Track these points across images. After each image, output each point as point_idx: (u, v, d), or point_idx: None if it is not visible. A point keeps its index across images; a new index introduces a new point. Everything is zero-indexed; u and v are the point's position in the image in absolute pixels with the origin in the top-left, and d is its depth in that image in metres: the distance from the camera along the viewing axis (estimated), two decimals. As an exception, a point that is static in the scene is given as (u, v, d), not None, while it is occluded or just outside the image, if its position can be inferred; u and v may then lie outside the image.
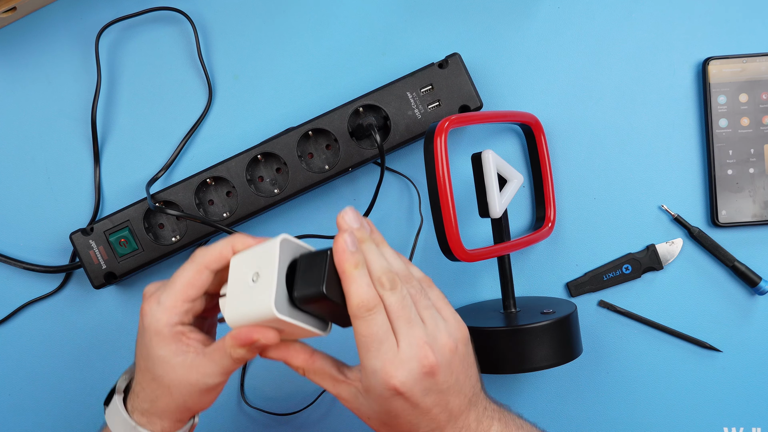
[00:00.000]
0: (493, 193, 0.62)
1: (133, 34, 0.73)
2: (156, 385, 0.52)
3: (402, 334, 0.48)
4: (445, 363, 0.49)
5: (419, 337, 0.48)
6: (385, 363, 0.47)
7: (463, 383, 0.50)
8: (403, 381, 0.47)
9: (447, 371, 0.49)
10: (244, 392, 0.72)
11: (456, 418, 0.50)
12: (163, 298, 0.51)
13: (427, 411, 0.49)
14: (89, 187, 0.73)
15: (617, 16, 0.72)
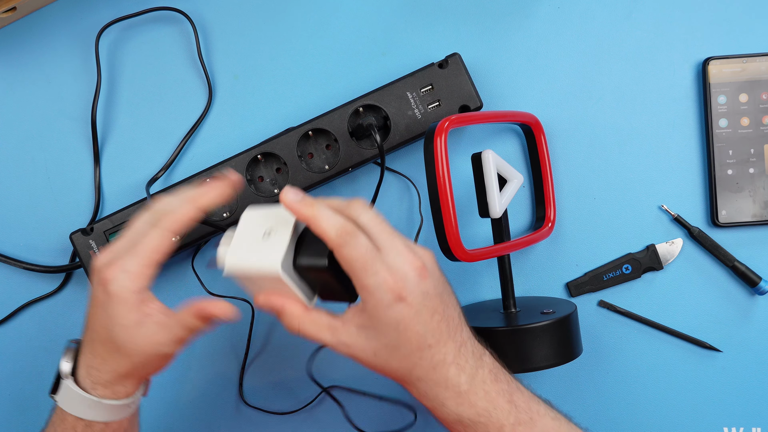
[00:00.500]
0: (493, 193, 0.62)
1: (133, 34, 0.73)
2: (119, 355, 0.53)
3: (386, 247, 0.51)
4: (431, 267, 0.52)
5: (401, 245, 0.51)
6: (381, 276, 0.50)
7: (449, 295, 0.53)
8: (402, 286, 0.50)
9: (434, 276, 0.52)
10: (242, 391, 0.72)
11: (454, 331, 0.52)
12: (128, 266, 0.51)
13: (429, 317, 0.51)
14: (89, 187, 0.73)
15: (617, 16, 0.72)
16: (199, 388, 0.73)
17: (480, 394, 0.52)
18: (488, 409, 0.52)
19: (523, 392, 0.54)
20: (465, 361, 0.52)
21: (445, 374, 0.52)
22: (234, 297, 0.72)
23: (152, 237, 0.52)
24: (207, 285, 0.71)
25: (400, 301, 0.50)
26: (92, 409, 0.54)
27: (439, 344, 0.52)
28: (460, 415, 0.52)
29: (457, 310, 0.54)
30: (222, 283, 0.72)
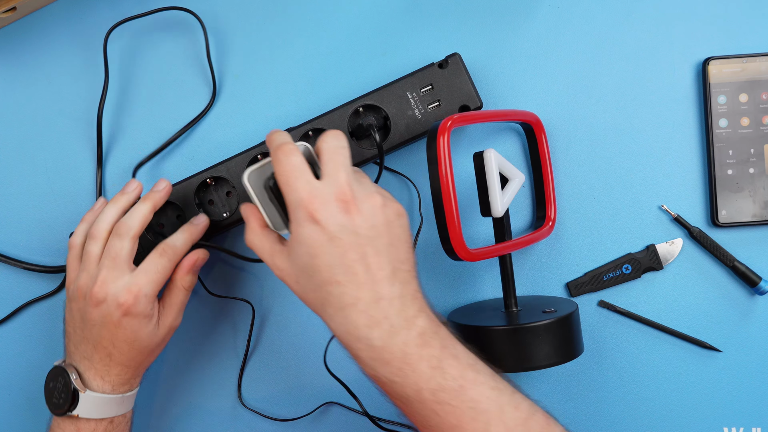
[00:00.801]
0: (495, 192, 0.62)
1: (134, 35, 0.73)
2: (142, 356, 0.62)
3: (328, 174, 0.53)
4: (366, 209, 0.53)
5: (344, 177, 0.53)
6: (301, 193, 0.52)
7: (386, 247, 0.53)
8: (318, 207, 0.52)
9: (366, 218, 0.52)
10: (241, 395, 0.72)
11: (375, 281, 0.52)
12: (145, 290, 0.60)
13: (342, 252, 0.52)
14: (89, 187, 0.73)
15: (617, 16, 0.72)
16: (196, 389, 0.73)
17: (397, 354, 0.52)
18: (404, 371, 0.51)
19: (460, 360, 0.53)
20: (382, 316, 0.52)
21: (354, 321, 0.52)
22: (234, 297, 0.72)
23: (165, 266, 0.61)
24: (208, 286, 0.71)
25: (313, 222, 0.52)
26: (118, 405, 0.62)
27: (350, 285, 0.52)
28: (375, 370, 0.52)
29: (394, 261, 0.53)
30: (222, 284, 0.72)
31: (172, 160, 0.73)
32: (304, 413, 0.72)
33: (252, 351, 0.72)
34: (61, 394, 0.60)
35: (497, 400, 0.52)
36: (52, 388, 0.61)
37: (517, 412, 0.52)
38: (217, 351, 0.73)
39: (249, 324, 0.72)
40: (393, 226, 0.54)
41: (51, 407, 0.61)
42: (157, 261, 0.61)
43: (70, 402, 0.60)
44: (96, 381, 0.61)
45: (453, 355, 0.53)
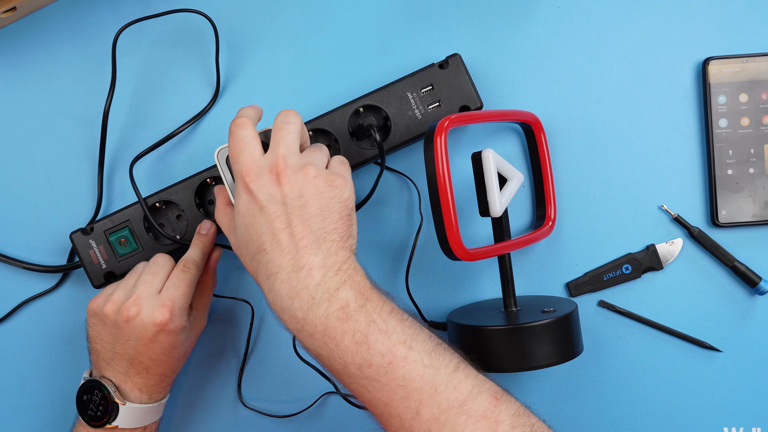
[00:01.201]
0: (493, 192, 0.62)
1: (134, 34, 0.73)
2: (178, 362, 0.65)
3: (270, 146, 0.56)
4: (296, 179, 0.54)
5: (282, 150, 0.55)
6: (241, 165, 0.55)
7: (312, 215, 0.54)
8: (252, 178, 0.54)
9: (294, 188, 0.54)
10: (241, 393, 0.72)
11: (297, 249, 0.53)
12: (178, 303, 0.62)
13: (270, 221, 0.53)
14: (89, 187, 0.73)
15: (617, 16, 0.72)
16: (196, 388, 0.73)
17: (319, 327, 0.51)
18: (328, 345, 0.51)
19: (390, 336, 0.51)
20: (302, 286, 0.52)
21: (277, 290, 0.53)
22: (233, 297, 0.72)
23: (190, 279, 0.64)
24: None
25: (247, 192, 0.54)
26: (155, 413, 0.65)
27: (274, 253, 0.53)
28: (303, 342, 0.53)
29: (318, 232, 0.53)
30: (222, 285, 0.72)
31: (172, 159, 0.73)
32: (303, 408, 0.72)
33: (252, 350, 0.72)
34: (99, 407, 0.62)
35: (431, 379, 0.50)
36: (87, 400, 0.62)
37: (454, 392, 0.50)
38: (217, 351, 0.73)
39: (249, 324, 0.72)
40: (323, 197, 0.54)
41: (87, 419, 0.62)
42: (182, 276, 0.64)
43: (109, 414, 0.62)
44: (134, 393, 0.63)
45: (382, 331, 0.51)
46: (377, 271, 0.72)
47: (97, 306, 0.63)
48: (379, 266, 0.72)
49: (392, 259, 0.72)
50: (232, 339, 0.73)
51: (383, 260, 0.72)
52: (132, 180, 0.68)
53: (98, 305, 0.63)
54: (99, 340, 0.64)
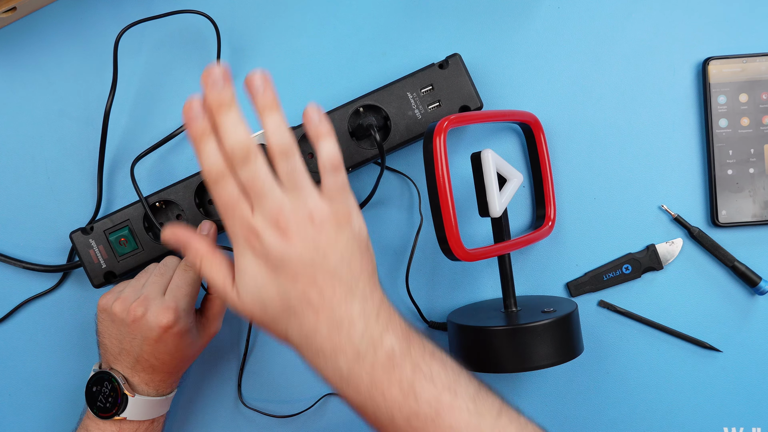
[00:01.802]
0: (492, 193, 0.62)
1: (134, 34, 0.73)
2: (184, 363, 0.65)
3: (255, 203, 0.49)
4: (304, 233, 0.48)
5: (272, 204, 0.48)
6: (241, 226, 0.49)
7: (336, 265, 0.49)
8: (258, 243, 0.48)
9: (307, 241, 0.48)
10: (241, 393, 0.72)
11: (332, 304, 0.49)
12: (182, 305, 0.61)
13: (292, 280, 0.48)
14: (89, 187, 0.73)
15: (617, 16, 0.72)
16: (196, 388, 0.73)
17: (365, 380, 0.48)
18: (375, 397, 0.48)
19: (435, 383, 0.49)
20: (346, 341, 0.48)
21: (318, 349, 0.49)
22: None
23: (194, 280, 0.63)
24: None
25: (256, 255, 0.49)
26: (162, 406, 0.65)
27: (307, 314, 0.49)
28: (347, 396, 0.50)
29: (347, 279, 0.49)
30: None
31: (172, 159, 0.73)
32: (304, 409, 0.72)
33: (252, 350, 0.72)
34: (108, 399, 0.62)
35: (478, 426, 0.48)
36: (96, 392, 0.63)
37: None
38: (217, 351, 0.73)
39: (248, 324, 0.72)
40: (339, 242, 0.49)
41: (97, 411, 0.63)
42: (183, 276, 0.63)
43: (118, 406, 0.62)
44: (141, 387, 0.63)
45: (427, 377, 0.49)
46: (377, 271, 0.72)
47: (107, 303, 0.64)
48: (379, 266, 0.72)
49: (392, 259, 0.72)
50: (232, 339, 0.73)
51: (383, 260, 0.72)
52: (133, 180, 0.68)
53: (107, 302, 0.64)
54: (107, 335, 0.64)
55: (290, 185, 0.49)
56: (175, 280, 0.63)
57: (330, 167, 0.50)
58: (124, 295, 0.63)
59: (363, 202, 0.69)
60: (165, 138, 0.71)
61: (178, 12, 0.70)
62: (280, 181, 0.49)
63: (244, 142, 0.48)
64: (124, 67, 0.72)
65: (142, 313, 0.61)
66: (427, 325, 0.72)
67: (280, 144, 0.49)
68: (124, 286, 0.65)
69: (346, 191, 0.51)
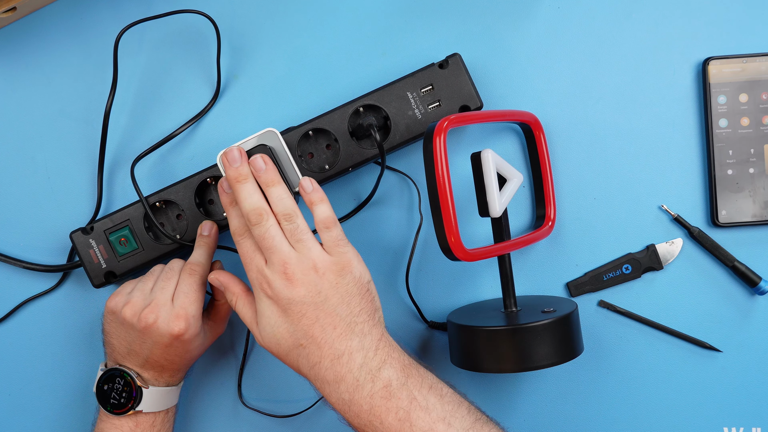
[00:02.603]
0: (492, 193, 0.62)
1: (134, 34, 0.73)
2: (191, 361, 0.67)
3: (267, 256, 0.58)
4: (308, 279, 0.57)
5: (280, 257, 0.57)
6: (256, 275, 0.58)
7: (337, 305, 0.57)
8: (270, 288, 0.57)
9: (310, 287, 0.57)
10: (241, 393, 0.72)
11: (333, 340, 0.56)
12: (191, 311, 0.63)
13: (297, 320, 0.57)
14: (89, 187, 0.73)
15: (617, 17, 0.72)
16: (196, 388, 0.73)
17: (364, 407, 0.55)
18: (373, 423, 0.55)
19: (431, 413, 0.54)
20: (346, 371, 0.55)
21: (323, 378, 0.56)
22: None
23: (201, 285, 0.65)
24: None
25: (269, 298, 0.58)
26: (173, 396, 0.67)
27: (311, 347, 0.57)
28: (350, 421, 0.56)
29: (347, 318, 0.57)
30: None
31: (172, 159, 0.73)
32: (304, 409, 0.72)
33: (252, 350, 0.72)
34: (122, 394, 0.64)
35: None
36: (109, 390, 0.64)
37: None
38: (217, 351, 0.73)
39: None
40: (340, 287, 0.57)
41: (111, 408, 0.64)
42: (189, 280, 0.65)
43: (133, 399, 0.63)
44: (152, 379, 0.65)
45: (423, 407, 0.55)
46: (377, 271, 0.72)
47: (116, 306, 0.64)
48: (379, 266, 0.72)
49: (392, 259, 0.72)
50: (232, 339, 0.73)
51: (383, 260, 0.72)
52: (133, 180, 0.68)
53: (116, 305, 0.64)
54: (115, 335, 0.65)
55: (295, 241, 0.58)
56: (182, 286, 0.64)
57: (324, 227, 0.59)
58: (134, 300, 0.63)
59: (363, 202, 0.69)
60: (164, 139, 0.71)
61: (178, 12, 0.70)
62: (287, 239, 0.58)
63: (258, 207, 0.59)
64: (124, 66, 0.73)
65: (153, 320, 0.62)
66: (427, 325, 0.72)
67: (283, 210, 0.59)
68: (131, 287, 0.65)
69: (343, 243, 0.59)
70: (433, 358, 0.72)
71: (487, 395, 0.72)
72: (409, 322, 0.72)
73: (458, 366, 0.65)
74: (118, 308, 0.64)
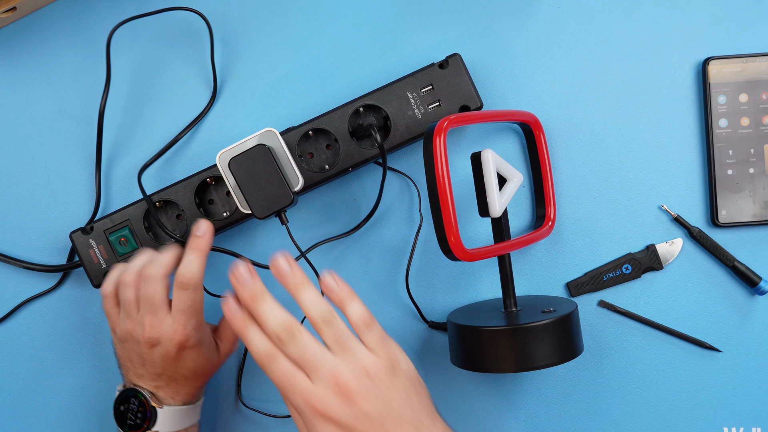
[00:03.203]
0: (492, 193, 0.62)
1: (134, 34, 0.73)
2: (205, 377, 0.65)
3: (312, 373, 0.53)
4: (365, 389, 0.52)
5: (328, 371, 0.52)
6: (304, 398, 0.52)
7: (400, 409, 0.53)
8: (325, 409, 0.52)
9: (370, 398, 0.52)
10: (241, 393, 0.72)
11: None
12: (192, 325, 0.61)
13: None
14: (89, 187, 0.73)
15: (617, 17, 0.72)
16: (199, 388, 0.73)
17: None
18: None
19: None
20: None
21: None
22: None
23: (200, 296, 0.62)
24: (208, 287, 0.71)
25: (328, 421, 0.52)
26: (190, 415, 0.65)
27: None
28: None
29: (413, 421, 0.53)
30: (222, 284, 0.72)
31: (172, 159, 0.73)
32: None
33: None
34: (137, 414, 0.63)
35: None
36: (125, 410, 0.64)
37: None
38: (217, 351, 0.73)
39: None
40: (396, 387, 0.53)
41: (128, 428, 0.63)
42: (184, 297, 0.61)
43: (148, 420, 0.63)
44: (167, 398, 0.64)
45: None
46: (377, 271, 0.72)
47: (122, 334, 0.63)
48: (379, 266, 0.72)
49: (392, 259, 0.72)
50: (232, 339, 0.73)
51: (383, 260, 0.72)
52: (141, 188, 0.67)
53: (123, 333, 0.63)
54: (126, 358, 0.65)
55: (339, 348, 0.53)
56: (176, 304, 0.61)
57: (364, 326, 0.55)
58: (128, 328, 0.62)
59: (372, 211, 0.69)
60: (168, 144, 0.71)
61: (171, 9, 0.70)
62: (328, 346, 0.53)
63: (286, 322, 0.53)
64: (121, 65, 0.73)
65: (157, 340, 0.61)
66: (427, 325, 0.72)
67: (320, 314, 0.54)
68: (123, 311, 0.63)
69: (387, 339, 0.55)
70: (433, 358, 0.72)
71: (487, 395, 0.72)
72: (409, 322, 0.72)
73: (458, 366, 0.65)
74: (125, 337, 0.63)
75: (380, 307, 0.72)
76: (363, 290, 0.72)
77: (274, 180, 0.62)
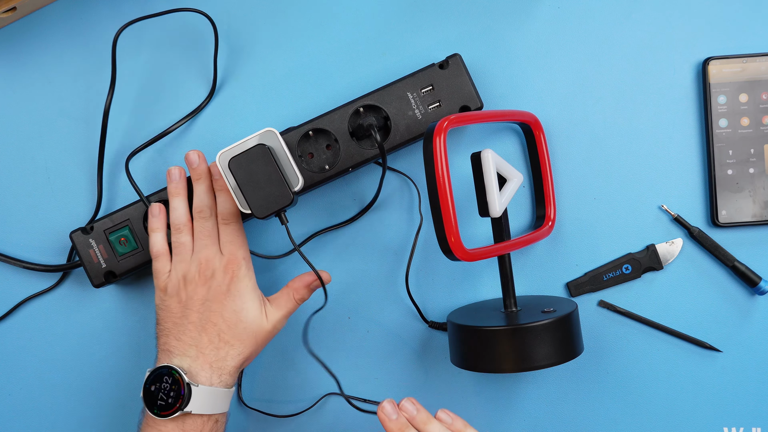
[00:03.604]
0: (492, 193, 0.62)
1: (133, 34, 0.73)
2: (247, 339, 0.64)
3: None
4: None
5: None
6: None
7: None
8: None
9: None
10: (241, 393, 0.72)
11: None
12: (241, 254, 0.64)
13: None
14: (89, 187, 0.73)
15: (617, 16, 0.72)
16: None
17: None
18: None
19: None
20: None
21: None
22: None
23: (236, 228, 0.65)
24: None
25: None
26: (223, 400, 0.63)
27: None
28: None
29: None
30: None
31: (170, 158, 0.73)
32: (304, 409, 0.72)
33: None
34: (170, 394, 0.60)
35: None
36: (156, 390, 0.60)
37: None
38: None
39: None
40: None
41: (158, 410, 0.60)
42: (228, 230, 0.65)
43: (182, 398, 0.60)
44: (204, 371, 0.62)
45: None
46: (377, 271, 0.72)
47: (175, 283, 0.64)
48: (379, 266, 0.72)
49: (392, 259, 0.72)
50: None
51: (383, 260, 0.72)
52: (129, 176, 0.68)
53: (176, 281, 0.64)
54: (169, 318, 0.63)
55: None
56: (224, 236, 0.65)
57: None
58: (182, 272, 0.64)
59: (368, 206, 0.69)
60: (159, 135, 0.71)
61: (177, 10, 0.70)
62: None
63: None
64: (123, 66, 0.73)
65: (212, 272, 0.63)
66: (427, 325, 0.72)
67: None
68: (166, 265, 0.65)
69: None
70: (433, 358, 0.72)
71: (487, 395, 0.72)
72: (409, 322, 0.72)
73: (458, 366, 0.65)
74: (179, 277, 0.64)
75: (380, 307, 0.72)
76: (363, 290, 0.72)
77: (274, 180, 0.62)
